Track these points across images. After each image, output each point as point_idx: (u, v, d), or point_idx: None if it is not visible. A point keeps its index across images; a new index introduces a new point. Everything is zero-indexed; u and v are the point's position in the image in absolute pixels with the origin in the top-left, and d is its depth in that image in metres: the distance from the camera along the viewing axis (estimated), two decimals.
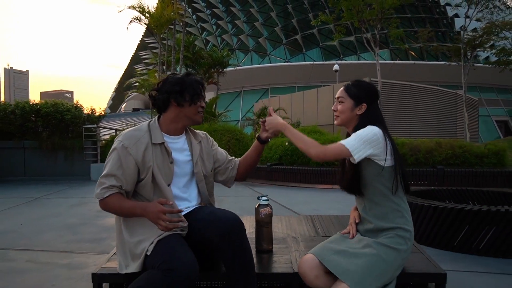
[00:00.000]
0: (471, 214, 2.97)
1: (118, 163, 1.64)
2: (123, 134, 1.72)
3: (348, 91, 1.79)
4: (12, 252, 3.20)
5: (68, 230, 4.02)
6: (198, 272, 1.49)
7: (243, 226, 1.65)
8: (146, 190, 1.69)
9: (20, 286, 2.43)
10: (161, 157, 1.71)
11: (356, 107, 1.77)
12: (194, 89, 1.75)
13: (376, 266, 1.57)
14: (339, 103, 1.83)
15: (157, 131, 1.74)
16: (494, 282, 2.48)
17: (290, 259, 1.87)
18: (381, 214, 1.72)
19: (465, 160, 7.12)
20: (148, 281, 1.46)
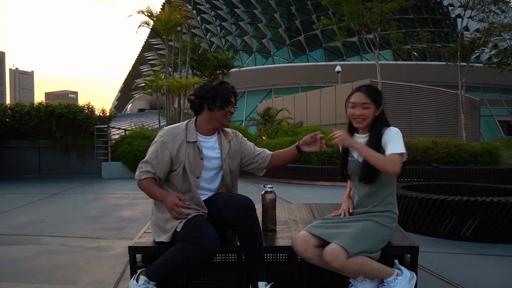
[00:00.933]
0: (453, 204, 3.34)
1: (155, 154, 2.03)
2: (164, 130, 2.10)
3: (370, 96, 2.09)
4: (45, 238, 3.61)
5: (90, 220, 4.42)
6: (219, 245, 1.89)
7: (254, 206, 2.04)
8: (177, 179, 2.07)
9: (58, 264, 2.82)
10: (193, 153, 2.07)
11: (377, 110, 2.11)
12: (224, 97, 2.07)
13: (365, 234, 1.94)
14: (364, 109, 2.08)
15: (192, 131, 2.09)
16: (467, 259, 2.86)
17: (291, 236, 2.25)
18: (378, 200, 2.09)
19: (460, 158, 7.46)
20: (181, 251, 1.86)
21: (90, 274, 2.59)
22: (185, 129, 2.10)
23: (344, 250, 1.84)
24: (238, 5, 37.28)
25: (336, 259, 1.83)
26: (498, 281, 2.41)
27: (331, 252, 1.86)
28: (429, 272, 2.57)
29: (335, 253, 1.85)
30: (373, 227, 2.00)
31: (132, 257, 2.15)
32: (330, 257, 1.85)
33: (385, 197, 2.11)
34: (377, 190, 2.10)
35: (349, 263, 1.85)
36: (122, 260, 2.89)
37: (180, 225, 1.96)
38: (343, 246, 1.84)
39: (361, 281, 1.97)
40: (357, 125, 2.16)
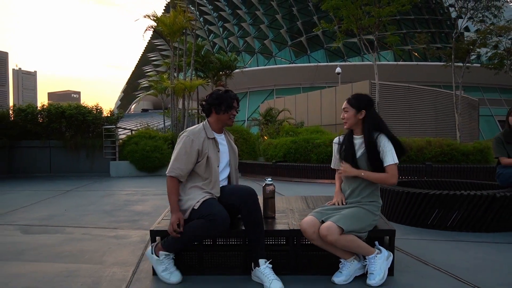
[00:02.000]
0: (435, 197, 3.70)
1: (184, 150, 2.46)
2: (187, 131, 2.54)
3: (349, 102, 2.55)
4: (68, 228, 4.00)
5: (105, 214, 4.81)
6: (229, 222, 2.31)
7: (256, 194, 2.44)
8: (201, 169, 2.48)
9: (84, 249, 3.21)
10: (212, 147, 2.53)
11: (357, 113, 2.51)
12: (228, 102, 2.55)
13: (355, 216, 2.35)
14: (345, 113, 2.56)
15: (209, 130, 2.57)
16: (445, 245, 3.22)
17: (287, 222, 2.64)
18: (367, 192, 2.51)
19: (452, 157, 7.81)
20: (199, 224, 2.27)
21: (114, 257, 2.98)
22: (203, 128, 2.56)
23: (338, 227, 2.25)
24: (240, 6, 37.66)
25: (331, 234, 2.23)
26: (469, 263, 2.77)
27: (327, 228, 2.26)
28: (409, 255, 2.94)
29: (330, 229, 2.24)
30: (363, 212, 2.41)
31: (153, 239, 2.55)
32: (325, 231, 2.25)
33: (373, 190, 2.53)
34: (367, 185, 2.51)
35: (341, 238, 2.25)
36: (140, 246, 3.28)
37: (198, 204, 2.36)
38: (337, 224, 2.25)
39: (350, 261, 2.36)
40: (345, 126, 2.61)
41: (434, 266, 2.68)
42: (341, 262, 2.39)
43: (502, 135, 4.07)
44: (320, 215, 2.41)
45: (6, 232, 3.85)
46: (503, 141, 4.02)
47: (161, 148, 10.20)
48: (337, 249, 2.34)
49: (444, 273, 2.54)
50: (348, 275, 2.34)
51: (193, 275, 2.51)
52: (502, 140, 4.03)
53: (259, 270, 2.33)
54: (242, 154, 10.80)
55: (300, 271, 2.49)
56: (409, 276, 2.48)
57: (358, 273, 2.38)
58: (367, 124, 2.51)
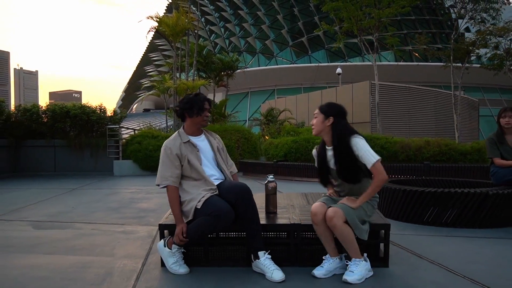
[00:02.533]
0: (430, 194, 3.85)
1: (165, 159, 2.64)
2: (165, 143, 2.71)
3: (320, 109, 2.61)
4: (78, 224, 4.16)
5: (112, 211, 4.97)
6: (233, 215, 2.46)
7: (251, 191, 2.58)
8: (187, 171, 2.65)
9: (95, 243, 3.36)
10: (190, 148, 2.68)
11: (325, 119, 2.56)
12: (198, 105, 2.69)
13: (360, 208, 2.46)
14: (314, 118, 2.61)
15: (183, 134, 2.73)
16: (438, 240, 3.37)
17: (288, 217, 2.79)
18: (364, 188, 2.51)
19: (450, 157, 7.96)
20: (204, 221, 2.42)
21: (124, 250, 3.14)
22: (178, 135, 2.74)
23: (344, 213, 2.37)
24: (241, 6, 37.81)
25: (337, 216, 2.35)
26: (461, 256, 2.92)
27: (334, 210, 2.38)
28: (405, 249, 3.09)
29: (337, 212, 2.36)
30: (365, 205, 2.50)
31: (161, 232, 2.71)
32: (332, 214, 2.36)
33: (364, 187, 2.56)
34: (363, 183, 2.59)
35: (344, 226, 2.37)
36: (148, 240, 3.44)
37: (200, 204, 2.50)
38: (343, 210, 2.38)
39: (333, 258, 2.49)
40: (313, 133, 2.66)
41: (427, 259, 2.83)
42: (325, 258, 2.51)
43: (494, 135, 4.21)
44: (329, 201, 2.56)
45: (19, 227, 4.02)
46: (496, 142, 4.15)
47: None
48: (330, 242, 2.48)
49: (436, 265, 2.69)
50: (328, 270, 2.45)
51: (199, 267, 2.66)
52: (495, 140, 4.17)
53: (259, 261, 2.48)
54: (243, 153, 10.96)
55: (300, 263, 2.64)
56: (403, 268, 2.63)
57: (338, 272, 2.47)
58: (334, 131, 2.52)
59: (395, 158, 8.26)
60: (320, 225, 2.46)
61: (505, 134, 4.16)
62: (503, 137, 4.15)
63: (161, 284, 2.40)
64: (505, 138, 4.14)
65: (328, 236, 2.48)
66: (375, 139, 8.49)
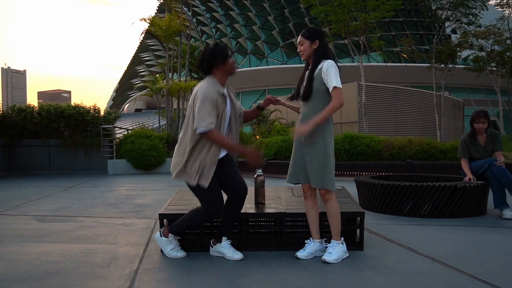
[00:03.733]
0: (404, 188, 4.22)
1: (208, 105, 2.51)
2: (202, 86, 2.59)
3: (303, 35, 2.71)
4: (79, 217, 4.43)
5: (110, 206, 5.24)
6: (223, 206, 2.74)
7: (246, 194, 2.80)
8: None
9: (97, 233, 3.65)
10: (223, 104, 2.63)
11: (312, 43, 2.68)
12: (223, 53, 2.60)
13: (325, 162, 2.65)
14: (300, 46, 2.72)
15: (218, 85, 2.63)
16: (412, 228, 3.74)
17: (275, 207, 3.12)
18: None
19: (431, 155, 8.39)
20: (197, 214, 2.75)
21: (125, 239, 3.43)
22: (213, 84, 2.62)
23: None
24: (233, 7, 38.09)
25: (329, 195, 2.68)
26: (427, 240, 3.28)
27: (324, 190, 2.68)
28: (379, 236, 3.44)
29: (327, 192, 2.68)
30: (324, 152, 2.65)
31: (161, 221, 3.02)
32: (323, 191, 2.68)
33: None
34: (320, 107, 2.67)
35: (334, 201, 2.70)
36: (147, 231, 3.73)
37: (205, 183, 2.60)
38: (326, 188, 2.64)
39: (315, 242, 2.82)
40: (302, 58, 2.79)
41: (397, 243, 3.19)
42: (307, 241, 2.82)
43: (467, 137, 4.58)
44: (303, 178, 2.77)
45: (23, 221, 4.28)
46: (468, 143, 4.53)
47: (157, 147, 10.62)
48: (315, 221, 2.79)
49: (405, 248, 3.05)
50: (310, 252, 2.76)
51: (196, 252, 2.97)
52: (467, 142, 4.54)
53: (220, 245, 2.79)
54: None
55: (285, 247, 2.97)
56: (375, 250, 2.98)
57: (318, 254, 2.77)
58: (317, 52, 2.67)
59: (379, 156, 8.66)
60: (308, 199, 2.80)
61: (477, 134, 4.53)
62: (475, 138, 4.52)
63: (162, 265, 2.72)
64: (477, 139, 4.52)
65: (313, 213, 2.79)
66: (360, 138, 8.88)
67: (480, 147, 4.46)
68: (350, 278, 2.40)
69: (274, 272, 2.53)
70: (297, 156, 2.82)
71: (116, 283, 2.35)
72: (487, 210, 4.48)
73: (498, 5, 16.58)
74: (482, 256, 2.86)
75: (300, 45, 2.74)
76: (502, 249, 3.06)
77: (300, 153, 2.79)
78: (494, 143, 4.39)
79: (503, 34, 16.56)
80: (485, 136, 4.44)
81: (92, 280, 2.40)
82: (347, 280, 2.38)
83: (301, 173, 2.79)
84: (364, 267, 2.61)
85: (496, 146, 4.38)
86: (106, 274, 2.50)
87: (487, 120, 4.36)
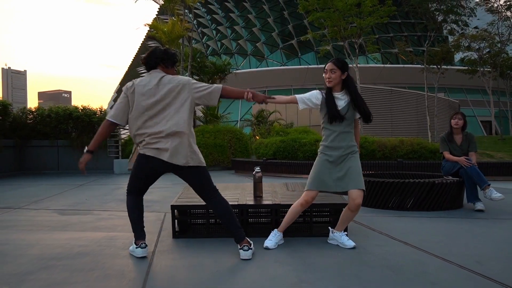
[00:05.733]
0: (389, 184, 4.70)
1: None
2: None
3: (337, 65, 2.98)
4: (95, 211, 4.91)
5: (121, 202, 5.71)
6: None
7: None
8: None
9: (114, 224, 4.12)
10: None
11: (342, 74, 2.99)
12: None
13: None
14: (332, 73, 2.97)
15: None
16: (394, 219, 4.21)
17: (271, 199, 3.60)
18: (348, 136, 3.02)
19: (421, 154, 8.86)
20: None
21: None
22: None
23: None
24: (233, 9, 38.58)
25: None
26: (405, 229, 3.75)
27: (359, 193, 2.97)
28: (363, 225, 3.92)
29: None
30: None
31: (172, 211, 3.49)
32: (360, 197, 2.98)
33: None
34: (351, 131, 3.07)
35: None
36: (158, 222, 4.21)
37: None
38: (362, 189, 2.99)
39: (278, 232, 3.19)
40: (328, 85, 3.04)
41: (378, 231, 3.66)
42: (273, 231, 3.18)
43: (445, 135, 5.07)
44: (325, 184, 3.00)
45: (46, 214, 4.76)
46: (446, 140, 5.02)
47: None
48: (293, 219, 3.17)
49: (383, 235, 3.53)
50: (276, 242, 3.12)
51: (201, 238, 3.45)
52: (445, 139, 5.03)
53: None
54: (235, 152, 11.75)
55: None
56: (358, 237, 3.45)
57: (280, 242, 3.17)
58: (350, 84, 3.03)
59: (372, 156, 9.14)
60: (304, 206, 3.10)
61: (454, 134, 5.02)
62: (452, 136, 5.01)
63: (173, 247, 3.20)
64: (454, 137, 5.00)
65: (295, 214, 3.16)
66: None
67: (457, 146, 4.93)
68: (334, 258, 2.88)
69: (270, 253, 3.00)
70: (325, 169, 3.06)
71: (138, 260, 2.82)
72: (464, 205, 4.96)
73: (489, 11, 17.09)
74: (449, 241, 3.33)
75: (331, 72, 2.99)
76: (467, 235, 3.54)
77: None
78: (469, 144, 4.87)
79: (494, 38, 17.08)
80: (461, 137, 4.92)
81: (117, 259, 2.88)
82: (332, 259, 2.85)
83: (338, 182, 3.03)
84: (347, 250, 3.08)
85: (471, 147, 4.85)
86: (128, 255, 2.98)
87: (462, 117, 4.88)
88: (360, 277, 2.45)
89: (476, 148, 4.90)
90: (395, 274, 2.50)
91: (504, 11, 16.58)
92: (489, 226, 3.95)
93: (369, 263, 2.73)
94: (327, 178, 2.99)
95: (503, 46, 17.49)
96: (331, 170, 3.00)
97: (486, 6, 16.93)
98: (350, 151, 3.01)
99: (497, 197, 4.35)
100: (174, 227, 3.50)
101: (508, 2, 16.23)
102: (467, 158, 4.71)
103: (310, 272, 2.54)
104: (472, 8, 16.43)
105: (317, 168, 3.05)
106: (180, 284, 2.40)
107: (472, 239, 3.41)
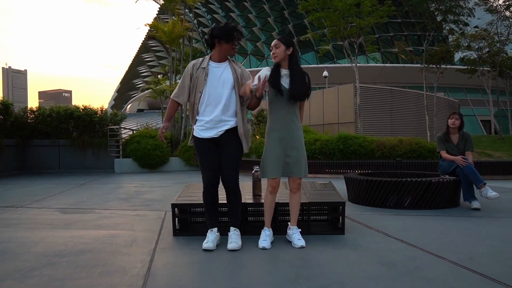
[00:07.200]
0: (386, 183, 4.76)
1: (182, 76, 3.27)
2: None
3: (281, 41, 3.10)
4: (97, 210, 4.98)
5: (122, 200, 5.78)
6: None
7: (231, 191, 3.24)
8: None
9: (116, 222, 4.19)
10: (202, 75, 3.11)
11: (287, 49, 3.09)
12: (229, 34, 3.07)
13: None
14: (276, 48, 3.09)
15: (206, 60, 3.16)
16: (391, 217, 4.28)
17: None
18: (289, 116, 3.17)
19: (420, 154, 8.92)
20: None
21: (141, 226, 3.98)
22: (203, 59, 3.19)
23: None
24: (233, 9, 38.64)
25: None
26: (401, 227, 3.82)
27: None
28: (360, 223, 3.99)
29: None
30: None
31: (173, 210, 3.56)
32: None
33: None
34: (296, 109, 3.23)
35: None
36: (158, 221, 4.27)
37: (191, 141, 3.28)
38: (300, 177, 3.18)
39: (268, 230, 3.22)
40: (274, 60, 3.16)
41: (374, 229, 3.73)
42: (263, 231, 3.20)
43: (442, 134, 5.14)
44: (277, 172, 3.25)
45: (49, 212, 4.83)
46: (442, 139, 5.08)
47: (161, 147, 11.16)
48: (271, 214, 3.26)
49: (380, 233, 3.60)
50: (270, 241, 3.16)
51: (201, 236, 3.50)
52: (442, 139, 5.10)
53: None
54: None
55: (277, 231, 3.51)
56: (354, 235, 3.52)
57: (272, 239, 3.20)
58: (293, 59, 3.10)
59: (372, 155, 9.20)
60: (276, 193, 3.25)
61: (451, 133, 5.08)
62: (449, 136, 5.08)
63: (174, 244, 3.26)
64: (450, 137, 5.07)
65: (271, 209, 3.25)
66: (354, 138, 9.42)
67: (453, 145, 5.00)
68: (331, 254, 2.94)
69: (268, 250, 3.07)
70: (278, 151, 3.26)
71: (140, 257, 2.89)
72: (460, 203, 5.02)
73: (488, 10, 17.14)
74: (443, 238, 3.40)
75: (275, 47, 3.11)
76: (461, 233, 3.61)
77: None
78: (466, 143, 4.93)
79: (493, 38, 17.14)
80: (457, 136, 4.98)
81: (119, 256, 2.94)
82: (329, 255, 2.91)
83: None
84: (343, 246, 3.15)
85: (467, 147, 4.92)
86: (130, 252, 3.05)
87: (459, 117, 4.95)
88: (356, 273, 2.52)
89: (473, 147, 4.97)
90: (390, 269, 2.57)
91: (503, 10, 16.69)
92: (484, 224, 4.01)
93: (365, 259, 2.79)
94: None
95: (502, 45, 17.56)
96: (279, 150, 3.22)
97: (485, 6, 16.98)
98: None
99: (493, 195, 4.41)
100: (175, 225, 3.57)
101: (507, 2, 16.32)
102: (464, 158, 4.77)
103: (307, 268, 2.61)
104: (471, 8, 16.48)
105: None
106: (180, 280, 2.46)
107: (467, 236, 3.48)
